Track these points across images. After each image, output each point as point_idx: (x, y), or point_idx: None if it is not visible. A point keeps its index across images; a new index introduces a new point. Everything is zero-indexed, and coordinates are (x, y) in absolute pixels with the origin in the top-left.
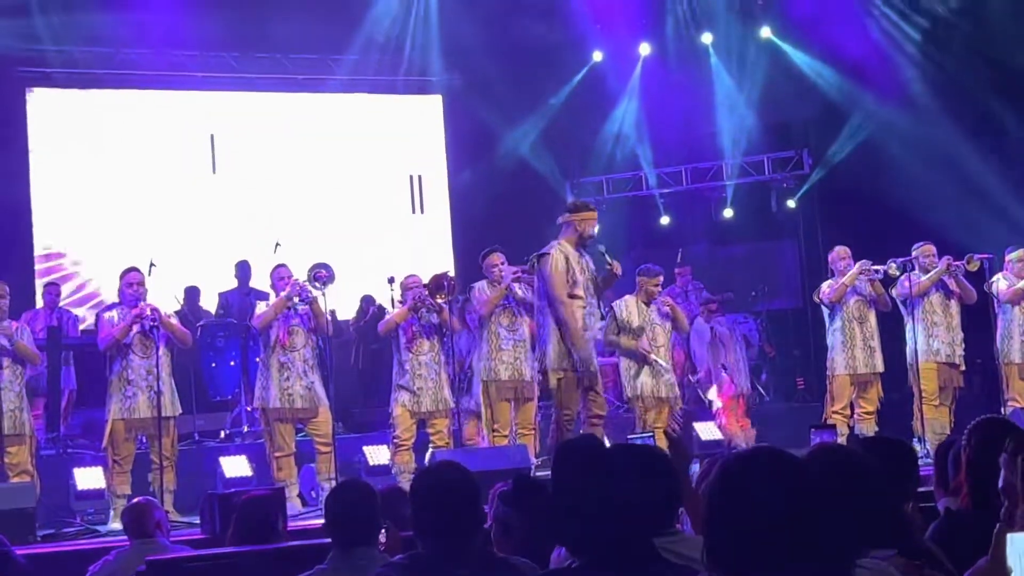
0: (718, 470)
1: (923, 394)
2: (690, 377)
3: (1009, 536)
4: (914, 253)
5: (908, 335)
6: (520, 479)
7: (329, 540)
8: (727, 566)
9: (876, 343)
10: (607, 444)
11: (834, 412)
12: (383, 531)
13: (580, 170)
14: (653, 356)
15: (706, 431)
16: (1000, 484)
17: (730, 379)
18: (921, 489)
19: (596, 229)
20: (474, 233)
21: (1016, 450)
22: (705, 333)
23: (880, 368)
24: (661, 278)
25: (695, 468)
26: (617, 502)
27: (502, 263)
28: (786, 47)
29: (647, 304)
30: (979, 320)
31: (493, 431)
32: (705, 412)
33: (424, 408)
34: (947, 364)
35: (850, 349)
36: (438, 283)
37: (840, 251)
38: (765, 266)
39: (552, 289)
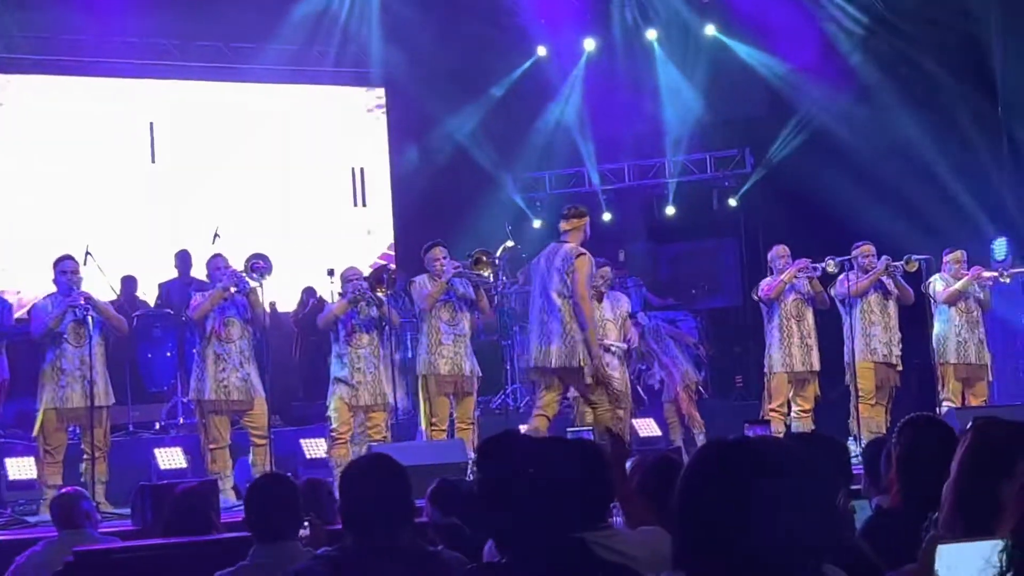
0: (696, 460)
1: (860, 393)
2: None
3: (940, 547)
4: (853, 253)
5: (846, 334)
6: (439, 485)
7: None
8: (702, 566)
9: (813, 341)
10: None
11: (771, 410)
12: (307, 524)
13: (523, 165)
14: (615, 346)
15: (644, 427)
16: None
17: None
18: (854, 487)
19: None
20: (416, 226)
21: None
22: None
23: (817, 366)
24: (608, 269)
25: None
26: (544, 496)
27: (444, 257)
28: (731, 43)
29: (599, 300)
30: (916, 320)
31: (431, 425)
32: (643, 409)
33: (362, 402)
34: (884, 363)
35: (787, 347)
36: (378, 276)
37: (779, 250)
38: (706, 264)
39: (587, 289)
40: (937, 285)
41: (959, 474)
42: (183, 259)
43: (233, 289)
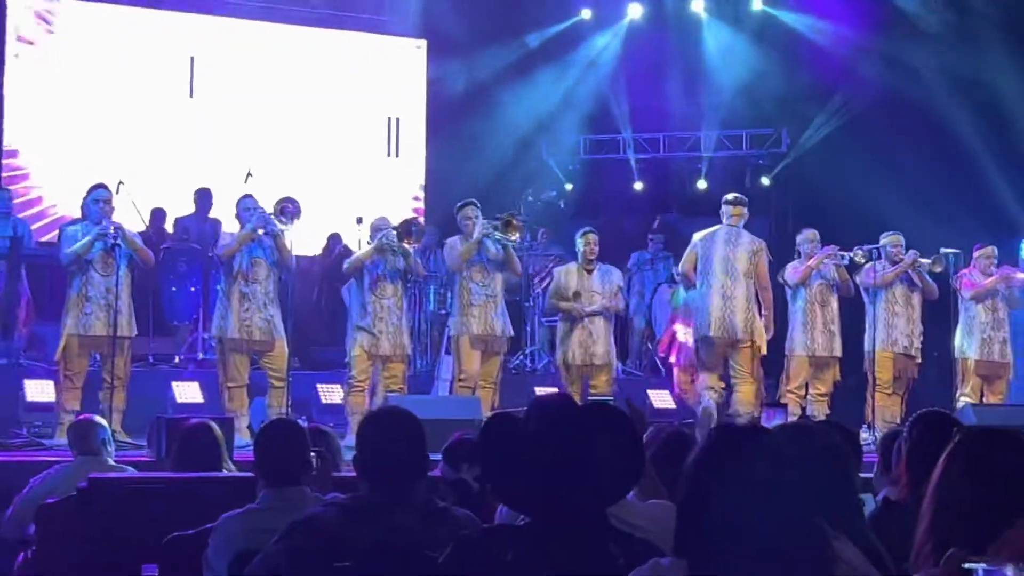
0: (705, 446)
1: (877, 382)
2: (649, 344)
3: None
4: (882, 242)
5: (868, 323)
6: (454, 441)
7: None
8: (703, 547)
9: (836, 327)
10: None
11: (788, 391)
12: (314, 455)
13: (558, 128)
14: (588, 309)
15: (659, 399)
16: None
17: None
18: (864, 475)
19: None
20: (447, 181)
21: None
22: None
23: (838, 352)
24: (593, 236)
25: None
26: (585, 465)
27: (476, 217)
28: (780, 14)
29: (588, 272)
30: (940, 314)
31: (460, 382)
32: (660, 380)
33: (382, 351)
34: (904, 355)
35: (810, 331)
36: (406, 228)
37: (809, 234)
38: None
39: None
40: (965, 280)
41: (943, 485)
42: (203, 197)
43: (261, 231)
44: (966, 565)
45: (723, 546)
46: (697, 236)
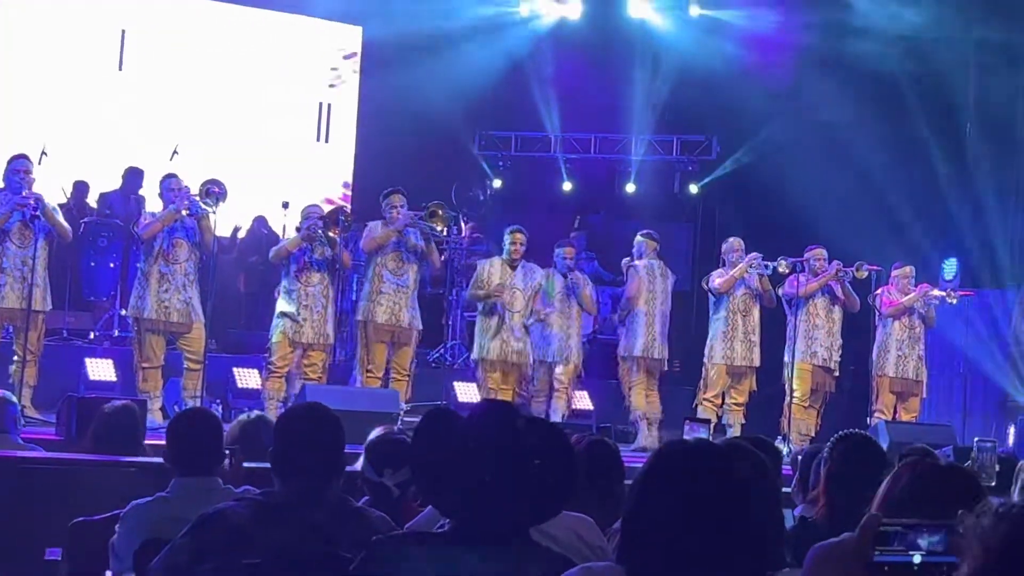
0: (656, 462)
1: (794, 394)
2: None
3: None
4: (806, 255)
5: (788, 334)
6: (376, 442)
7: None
8: (646, 559)
9: (756, 337)
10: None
11: (705, 399)
12: (228, 453)
13: (489, 122)
14: (508, 299)
15: (578, 400)
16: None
17: None
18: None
19: None
20: (375, 169)
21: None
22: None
23: (756, 362)
24: (521, 236)
25: None
26: (521, 478)
27: (401, 205)
28: (717, 15)
29: (511, 268)
30: (859, 329)
31: (367, 372)
32: (578, 380)
33: (305, 339)
34: (822, 368)
35: (730, 340)
36: (334, 217)
37: (734, 242)
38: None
39: None
40: (884, 298)
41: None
42: (133, 175)
43: (185, 212)
44: (883, 528)
45: (665, 559)
46: (639, 264)
